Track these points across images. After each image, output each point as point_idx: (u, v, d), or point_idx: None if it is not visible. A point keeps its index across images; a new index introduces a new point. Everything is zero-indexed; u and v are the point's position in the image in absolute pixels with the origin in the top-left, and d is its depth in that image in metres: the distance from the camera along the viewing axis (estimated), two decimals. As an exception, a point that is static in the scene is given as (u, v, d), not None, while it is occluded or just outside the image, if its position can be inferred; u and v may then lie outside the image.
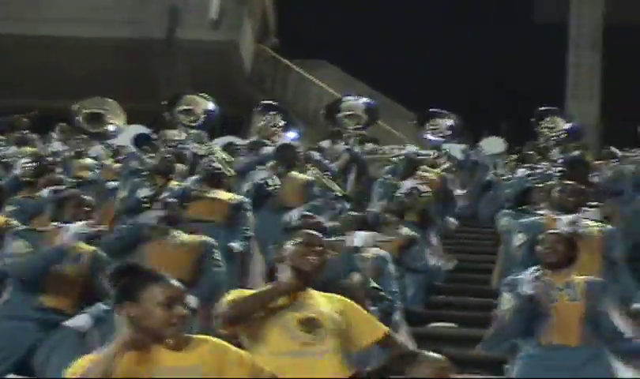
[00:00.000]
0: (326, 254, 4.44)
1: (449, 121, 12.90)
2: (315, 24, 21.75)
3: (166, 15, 20.26)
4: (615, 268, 6.64)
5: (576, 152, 12.36)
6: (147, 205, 6.97)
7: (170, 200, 6.75)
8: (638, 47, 20.65)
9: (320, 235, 4.48)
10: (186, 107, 12.43)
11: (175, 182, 8.74)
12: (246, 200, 8.64)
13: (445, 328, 8.60)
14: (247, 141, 12.40)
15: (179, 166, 9.77)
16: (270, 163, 9.63)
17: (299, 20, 21.63)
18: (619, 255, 6.75)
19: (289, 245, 4.35)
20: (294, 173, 9.54)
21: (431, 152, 12.48)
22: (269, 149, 10.58)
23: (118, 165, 10.88)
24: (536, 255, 5.84)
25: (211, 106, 12.49)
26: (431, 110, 13.17)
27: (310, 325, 4.15)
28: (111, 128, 11.92)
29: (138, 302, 3.35)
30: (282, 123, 12.47)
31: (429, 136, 12.85)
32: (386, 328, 4.36)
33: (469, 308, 9.08)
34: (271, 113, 12.63)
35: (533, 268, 5.70)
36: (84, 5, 20.11)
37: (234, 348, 3.59)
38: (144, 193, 7.70)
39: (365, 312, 4.44)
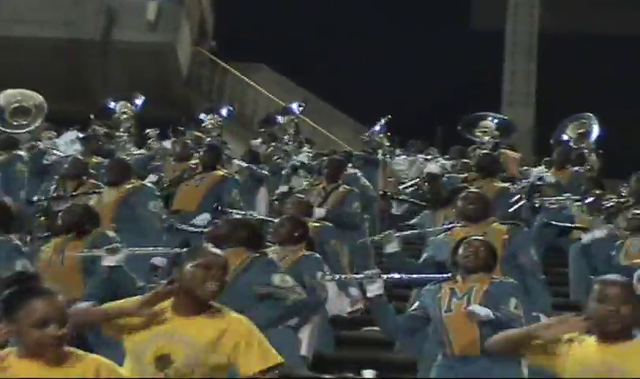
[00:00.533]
0: (226, 275, 4.10)
1: None
2: (253, 27, 21.69)
3: (102, 16, 20.02)
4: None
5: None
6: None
7: None
8: (573, 55, 20.92)
9: (220, 254, 4.13)
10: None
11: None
12: None
13: (378, 332, 8.57)
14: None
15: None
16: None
17: (236, 22, 21.55)
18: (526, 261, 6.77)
19: (187, 266, 3.99)
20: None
21: None
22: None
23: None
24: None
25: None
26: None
27: (163, 362, 3.90)
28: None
29: (15, 320, 3.28)
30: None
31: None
32: (279, 360, 4.02)
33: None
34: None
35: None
36: (20, 5, 19.80)
37: (121, 371, 3.51)
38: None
39: (259, 337, 4.04)
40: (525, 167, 14.24)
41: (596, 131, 13.38)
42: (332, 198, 9.69)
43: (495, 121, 12.25)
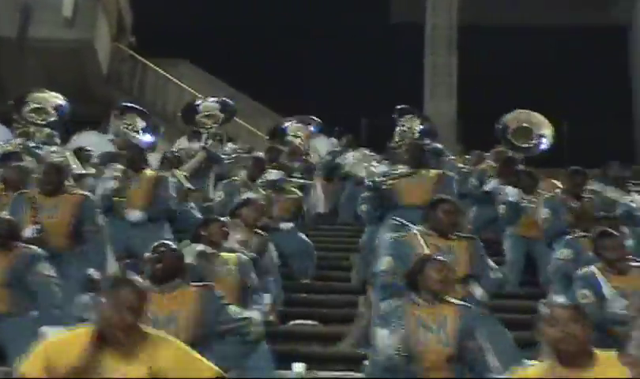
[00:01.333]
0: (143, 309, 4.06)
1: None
2: (173, 22, 21.47)
3: (17, 12, 19.60)
4: None
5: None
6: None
7: None
8: (492, 47, 21.14)
9: (137, 287, 4.08)
10: (36, 105, 12.10)
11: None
12: None
13: (305, 326, 8.54)
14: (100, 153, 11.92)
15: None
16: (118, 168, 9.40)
17: (156, 18, 21.28)
18: None
19: (102, 301, 3.98)
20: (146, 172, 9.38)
21: None
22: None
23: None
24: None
25: (61, 101, 12.20)
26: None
27: None
28: None
29: None
30: (141, 125, 12.32)
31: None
32: (217, 372, 4.06)
33: (329, 305, 9.05)
34: (129, 115, 12.47)
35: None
36: None
37: None
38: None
39: (192, 354, 4.09)
40: (452, 157, 14.35)
41: (541, 139, 13.47)
42: None
43: (421, 126, 12.30)
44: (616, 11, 23.57)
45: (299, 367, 7.42)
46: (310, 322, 8.61)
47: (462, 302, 5.53)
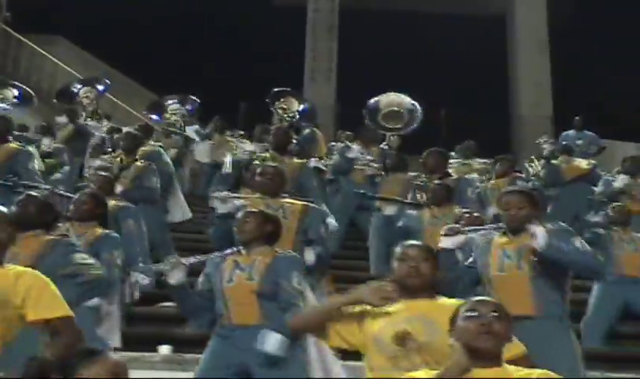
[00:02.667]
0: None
1: None
2: (50, -1, 21.00)
3: None
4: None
5: (307, 131, 12.73)
6: None
7: None
8: (373, 32, 21.30)
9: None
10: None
11: None
12: None
13: (173, 308, 8.44)
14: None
15: None
16: None
17: (32, -7, 20.74)
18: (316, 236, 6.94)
19: None
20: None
21: None
22: None
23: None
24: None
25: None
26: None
27: None
28: None
29: None
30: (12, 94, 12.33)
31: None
32: (65, 313, 4.04)
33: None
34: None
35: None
36: None
37: None
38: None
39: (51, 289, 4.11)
40: (333, 143, 14.43)
41: (408, 123, 13.61)
42: (130, 173, 9.56)
43: (302, 107, 12.32)
44: (495, 1, 24.04)
45: (165, 349, 7.35)
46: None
47: (281, 251, 5.76)
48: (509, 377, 3.52)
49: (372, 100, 12.13)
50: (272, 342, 5.34)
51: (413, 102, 12.41)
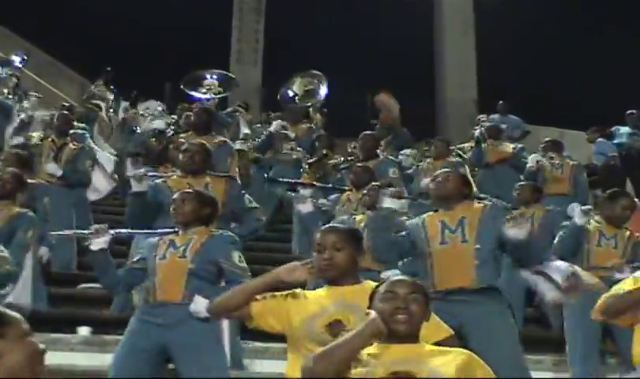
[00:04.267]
0: None
1: None
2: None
3: None
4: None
5: (229, 110, 12.74)
6: None
7: None
8: (297, 14, 21.26)
9: None
10: None
11: None
12: None
13: (93, 289, 8.37)
14: None
15: None
16: None
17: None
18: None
19: None
20: None
21: None
22: None
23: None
24: None
25: None
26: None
27: None
28: None
29: None
30: None
31: None
32: None
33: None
34: None
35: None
36: None
37: None
38: None
39: None
40: (258, 124, 14.41)
41: (324, 90, 13.64)
42: (64, 155, 9.64)
43: (215, 77, 12.23)
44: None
45: (84, 331, 7.32)
46: (98, 285, 8.44)
47: (216, 230, 5.80)
48: (425, 351, 3.54)
49: (283, 90, 12.27)
50: (199, 302, 5.31)
51: (314, 71, 12.66)
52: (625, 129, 14.12)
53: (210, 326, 5.36)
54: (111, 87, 13.89)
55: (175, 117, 12.71)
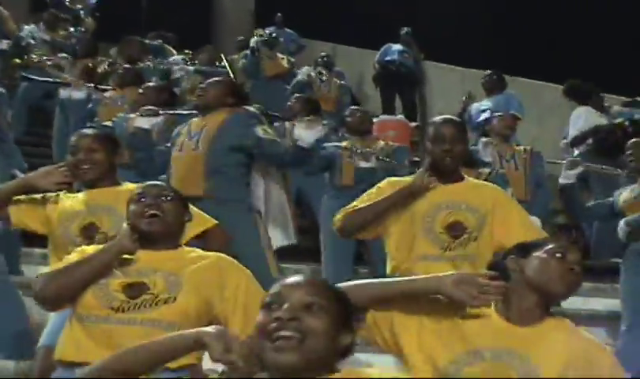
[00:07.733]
0: None
1: None
2: None
3: None
4: None
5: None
6: None
7: None
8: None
9: None
10: None
11: None
12: None
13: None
14: None
15: None
16: None
17: None
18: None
19: None
20: None
21: None
22: None
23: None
24: None
25: None
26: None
27: None
28: None
29: None
30: None
31: None
32: None
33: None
34: None
35: None
36: None
37: None
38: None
39: None
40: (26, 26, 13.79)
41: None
42: None
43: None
44: None
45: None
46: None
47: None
48: (183, 257, 3.52)
49: None
50: None
51: None
52: (397, 47, 14.42)
53: None
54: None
55: None
